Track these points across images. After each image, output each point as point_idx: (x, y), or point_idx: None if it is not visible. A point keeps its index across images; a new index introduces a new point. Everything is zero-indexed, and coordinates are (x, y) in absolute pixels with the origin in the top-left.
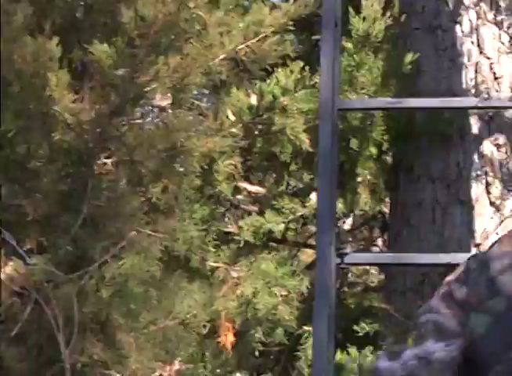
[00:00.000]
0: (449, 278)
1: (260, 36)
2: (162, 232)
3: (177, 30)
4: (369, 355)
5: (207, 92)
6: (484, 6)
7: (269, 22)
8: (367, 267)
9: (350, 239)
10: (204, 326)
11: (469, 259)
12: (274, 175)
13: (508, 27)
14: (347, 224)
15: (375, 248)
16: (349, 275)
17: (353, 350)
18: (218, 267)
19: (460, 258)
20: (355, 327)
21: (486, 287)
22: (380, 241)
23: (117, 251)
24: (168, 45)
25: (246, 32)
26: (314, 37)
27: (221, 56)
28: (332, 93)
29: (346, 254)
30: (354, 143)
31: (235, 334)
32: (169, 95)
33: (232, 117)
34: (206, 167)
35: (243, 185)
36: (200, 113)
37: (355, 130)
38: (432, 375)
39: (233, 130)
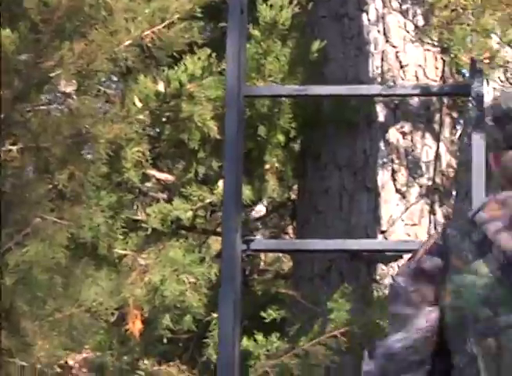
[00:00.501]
0: (418, 255)
1: (166, 22)
2: (68, 219)
3: (82, 16)
4: (275, 341)
5: (115, 78)
6: None
7: (175, 8)
8: (280, 255)
9: (260, 226)
10: (112, 313)
11: (444, 230)
12: (182, 163)
13: (413, 16)
14: (260, 211)
15: (286, 236)
16: (262, 263)
17: (260, 337)
18: (125, 254)
19: (366, 244)
20: (263, 314)
21: (471, 250)
22: (290, 229)
23: (21, 238)
24: (73, 31)
25: (152, 18)
26: (221, 25)
27: (127, 43)
28: (238, 80)
29: (252, 240)
30: (262, 131)
31: (143, 322)
32: (74, 81)
33: (139, 104)
34: (113, 154)
35: (152, 172)
36: (107, 100)
37: (263, 117)
38: (399, 367)
39: (140, 117)
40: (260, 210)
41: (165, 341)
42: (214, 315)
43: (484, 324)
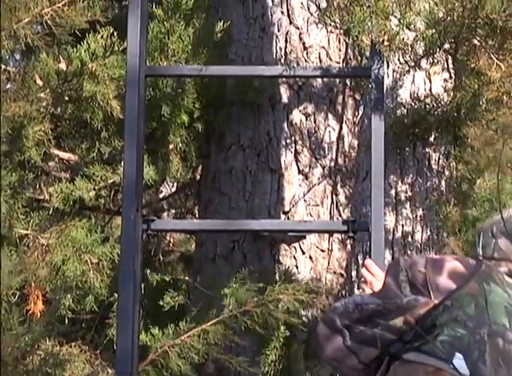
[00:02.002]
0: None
1: (66, 0)
2: None
3: None
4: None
5: (17, 56)
6: None
7: None
8: (188, 236)
9: (166, 207)
10: (13, 294)
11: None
12: (86, 142)
13: None
14: (166, 191)
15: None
16: (170, 243)
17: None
18: (27, 234)
19: (269, 224)
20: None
21: None
22: (196, 210)
23: None
24: None
25: None
26: (125, 3)
27: (26, 20)
28: (139, 59)
29: (152, 220)
30: (165, 111)
31: (44, 302)
32: None
33: (40, 83)
34: (14, 132)
35: (55, 152)
36: (8, 78)
37: (166, 97)
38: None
39: (41, 95)
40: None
41: (67, 321)
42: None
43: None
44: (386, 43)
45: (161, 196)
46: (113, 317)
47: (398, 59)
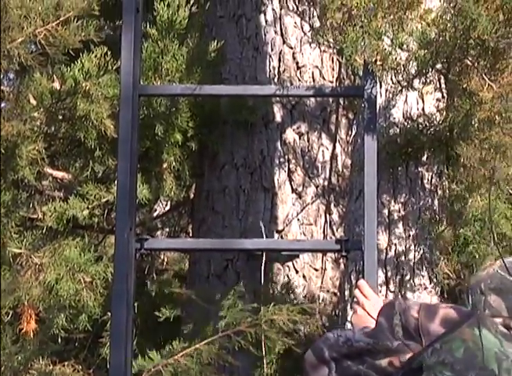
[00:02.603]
0: None
1: (60, 20)
2: None
3: None
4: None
5: (11, 75)
6: None
7: (69, 6)
8: (182, 255)
9: (160, 226)
10: (7, 313)
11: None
12: (79, 161)
13: (310, 17)
14: (160, 210)
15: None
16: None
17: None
18: (20, 253)
19: (263, 243)
20: (157, 313)
21: None
22: (190, 228)
23: None
24: None
25: (46, 16)
26: (119, 23)
27: (20, 39)
28: (132, 79)
29: (146, 239)
30: (159, 130)
31: (37, 321)
32: None
33: (34, 102)
34: (8, 152)
35: (49, 170)
36: (1, 97)
37: (160, 116)
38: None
39: (35, 115)
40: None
41: (60, 340)
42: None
43: None
44: (379, 63)
45: (155, 214)
46: (107, 336)
47: (391, 79)
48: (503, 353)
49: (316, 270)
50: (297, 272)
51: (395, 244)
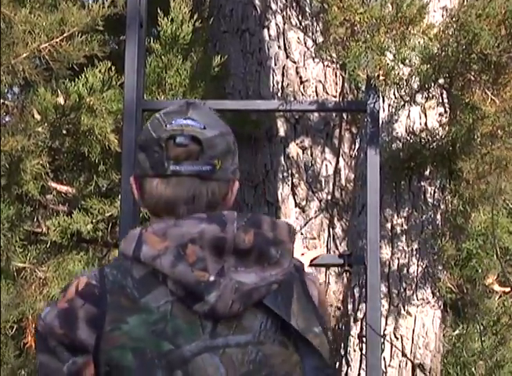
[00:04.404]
0: (68, 295)
1: (64, 35)
2: None
3: None
4: None
5: (17, 90)
6: (290, 11)
7: (73, 21)
8: None
9: None
10: (11, 327)
11: (101, 270)
12: (83, 175)
13: (313, 32)
14: None
15: None
16: None
17: None
18: (24, 267)
19: None
20: None
21: (136, 288)
22: None
23: None
24: None
25: (50, 31)
26: (123, 38)
27: (24, 55)
28: (136, 94)
29: None
30: None
31: None
32: None
33: (38, 117)
34: (12, 166)
35: (53, 185)
36: (6, 112)
37: None
38: None
39: (39, 129)
40: None
41: None
42: None
43: (168, 358)
44: (381, 78)
45: None
46: None
47: (394, 94)
48: None
49: (320, 284)
50: None
51: (398, 258)
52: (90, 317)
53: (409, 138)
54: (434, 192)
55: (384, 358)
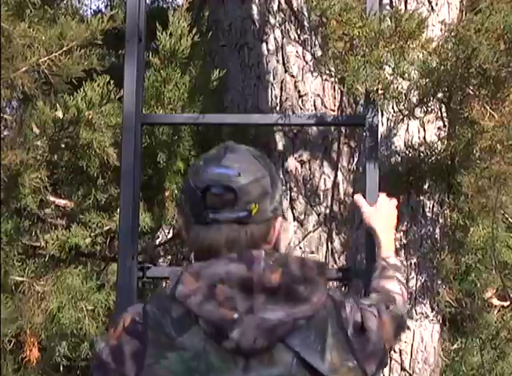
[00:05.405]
0: (117, 332)
1: (63, 49)
2: None
3: None
4: None
5: (14, 104)
6: (289, 26)
7: (72, 35)
8: None
9: (162, 253)
10: (9, 341)
11: (144, 307)
12: (82, 189)
13: (312, 46)
14: (162, 238)
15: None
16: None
17: None
18: (22, 281)
19: None
20: None
21: (173, 326)
22: (192, 256)
23: None
24: None
25: (50, 45)
26: (122, 52)
27: (23, 69)
28: (135, 108)
29: (148, 267)
30: (161, 158)
31: (39, 349)
32: None
33: (37, 131)
34: (10, 180)
35: (51, 198)
36: (4, 126)
37: (162, 145)
38: None
39: (38, 143)
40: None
41: (62, 368)
42: None
43: None
44: (380, 92)
45: (157, 242)
46: None
47: (393, 108)
48: None
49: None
50: None
51: None
52: (134, 352)
53: (407, 152)
54: (433, 206)
55: (383, 372)
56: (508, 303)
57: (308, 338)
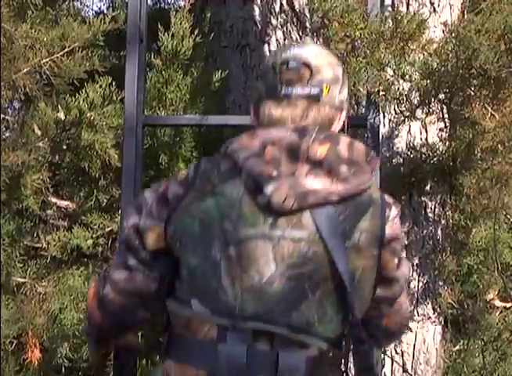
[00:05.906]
0: (171, 181)
1: (65, 50)
2: None
3: None
4: None
5: (16, 105)
6: (291, 27)
7: (74, 37)
8: None
9: None
10: (11, 342)
11: (199, 162)
12: (83, 190)
13: None
14: None
15: None
16: None
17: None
18: (24, 282)
19: None
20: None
21: (219, 177)
22: None
23: None
24: None
25: (51, 46)
26: (123, 53)
27: (25, 70)
28: (136, 109)
29: None
30: (163, 159)
31: (41, 350)
32: None
33: (38, 132)
34: (12, 181)
35: (53, 200)
36: (7, 127)
37: (164, 146)
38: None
39: (40, 144)
40: None
41: (64, 370)
42: None
43: (226, 235)
44: (381, 93)
45: None
46: (110, 366)
47: (394, 109)
48: None
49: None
50: None
51: None
52: (175, 195)
53: (409, 153)
54: (435, 207)
55: (385, 374)
56: (510, 304)
57: (337, 217)
